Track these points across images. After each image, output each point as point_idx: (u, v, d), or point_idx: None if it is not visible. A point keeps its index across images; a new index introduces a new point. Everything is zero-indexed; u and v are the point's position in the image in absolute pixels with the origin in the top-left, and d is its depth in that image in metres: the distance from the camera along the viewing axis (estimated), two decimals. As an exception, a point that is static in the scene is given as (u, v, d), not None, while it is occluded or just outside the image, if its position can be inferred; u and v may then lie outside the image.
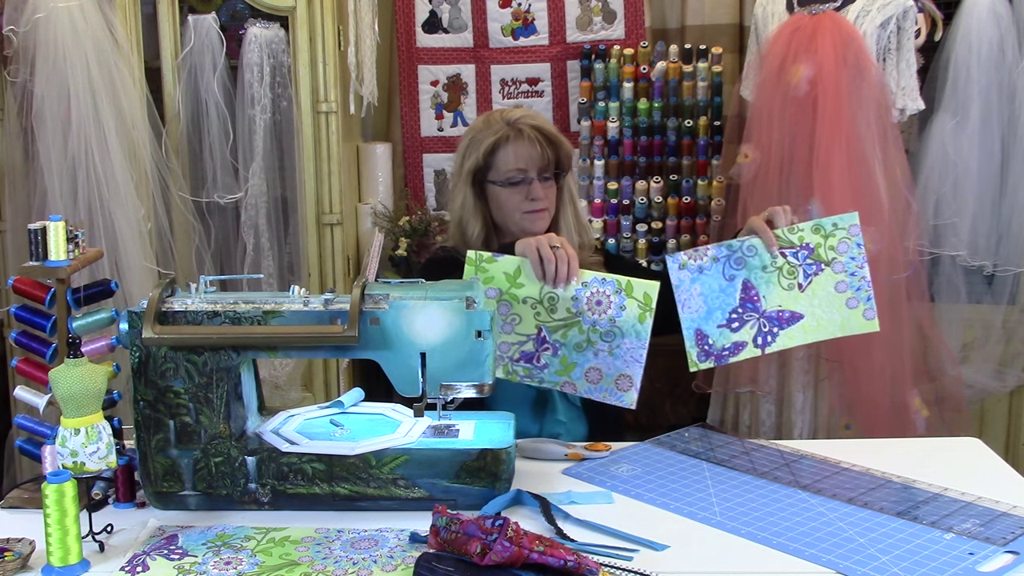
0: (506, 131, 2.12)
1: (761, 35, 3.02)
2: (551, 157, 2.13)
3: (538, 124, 2.14)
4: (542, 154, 2.11)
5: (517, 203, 2.13)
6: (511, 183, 2.12)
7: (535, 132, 2.12)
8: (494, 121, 2.16)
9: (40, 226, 1.72)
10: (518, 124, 2.13)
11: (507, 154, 2.12)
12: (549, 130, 2.15)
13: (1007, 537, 1.52)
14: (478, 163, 2.14)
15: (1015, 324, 3.08)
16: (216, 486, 1.66)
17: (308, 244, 3.15)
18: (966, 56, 2.97)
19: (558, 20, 3.54)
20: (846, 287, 1.88)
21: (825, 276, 1.87)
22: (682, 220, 3.37)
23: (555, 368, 1.85)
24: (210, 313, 1.64)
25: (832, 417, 2.87)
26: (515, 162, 2.12)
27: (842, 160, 2.73)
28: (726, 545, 1.53)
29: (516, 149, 2.11)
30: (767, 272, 1.85)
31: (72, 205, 2.91)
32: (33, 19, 2.85)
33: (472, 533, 1.39)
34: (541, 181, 2.13)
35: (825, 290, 1.87)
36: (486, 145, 2.12)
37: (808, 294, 1.86)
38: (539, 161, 2.11)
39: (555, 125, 2.23)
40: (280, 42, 3.14)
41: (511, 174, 2.12)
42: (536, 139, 2.11)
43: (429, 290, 1.67)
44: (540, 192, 2.12)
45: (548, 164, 2.13)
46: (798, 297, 1.86)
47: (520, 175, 2.12)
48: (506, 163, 2.12)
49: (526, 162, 2.11)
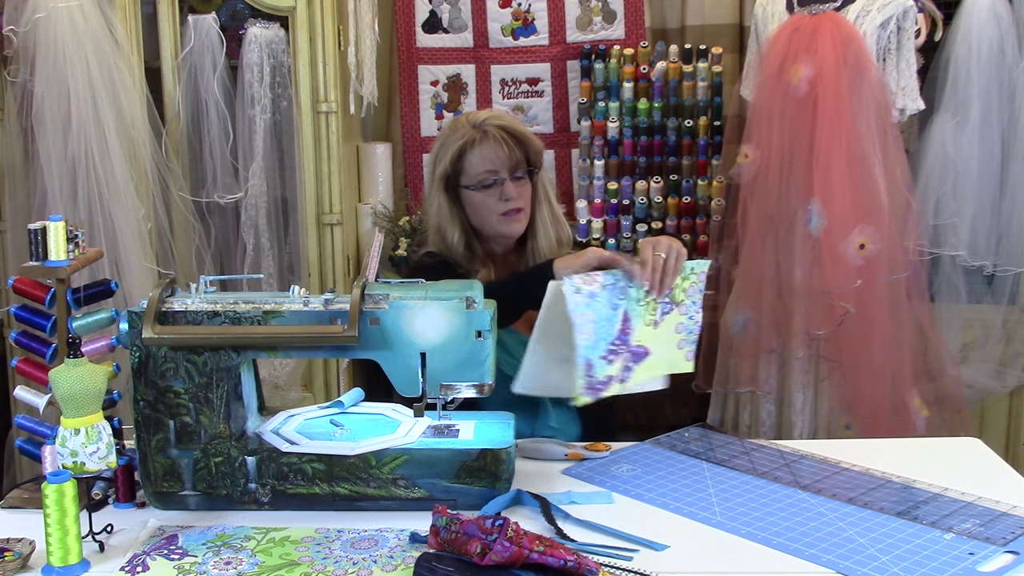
0: (472, 134, 2.12)
1: (761, 35, 3.01)
2: (520, 156, 2.12)
3: (504, 124, 2.14)
4: (510, 154, 2.11)
5: (492, 206, 2.12)
6: (483, 186, 2.12)
7: (501, 132, 2.11)
8: (460, 125, 2.15)
9: (40, 226, 1.72)
10: (483, 126, 2.12)
11: (475, 157, 2.12)
12: (516, 128, 2.14)
13: (1007, 537, 1.52)
14: (447, 169, 2.14)
15: (1015, 324, 3.08)
16: (216, 486, 1.66)
17: (308, 244, 3.15)
18: (966, 56, 2.97)
19: (558, 20, 3.54)
20: (683, 329, 1.88)
21: (672, 316, 1.85)
22: (682, 220, 3.37)
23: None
24: (210, 313, 1.64)
25: (832, 417, 2.87)
26: (484, 164, 2.11)
27: (842, 160, 2.73)
28: (726, 545, 1.53)
29: (483, 151, 2.11)
30: (639, 305, 1.80)
31: (72, 205, 2.91)
32: (33, 19, 2.85)
33: (472, 533, 1.39)
34: (513, 181, 2.12)
35: (669, 329, 1.86)
36: (453, 150, 2.12)
37: (658, 332, 1.83)
38: (508, 161, 2.11)
39: (555, 125, 2.22)
40: (280, 42, 3.13)
41: (482, 176, 2.12)
42: (503, 139, 2.10)
43: (429, 290, 1.67)
44: (513, 192, 2.11)
45: (518, 163, 2.12)
46: (652, 334, 1.83)
47: (491, 177, 2.11)
48: (475, 166, 2.12)
49: (495, 163, 2.11)
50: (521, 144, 2.13)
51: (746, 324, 2.94)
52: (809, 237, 2.78)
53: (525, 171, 2.14)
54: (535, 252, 2.18)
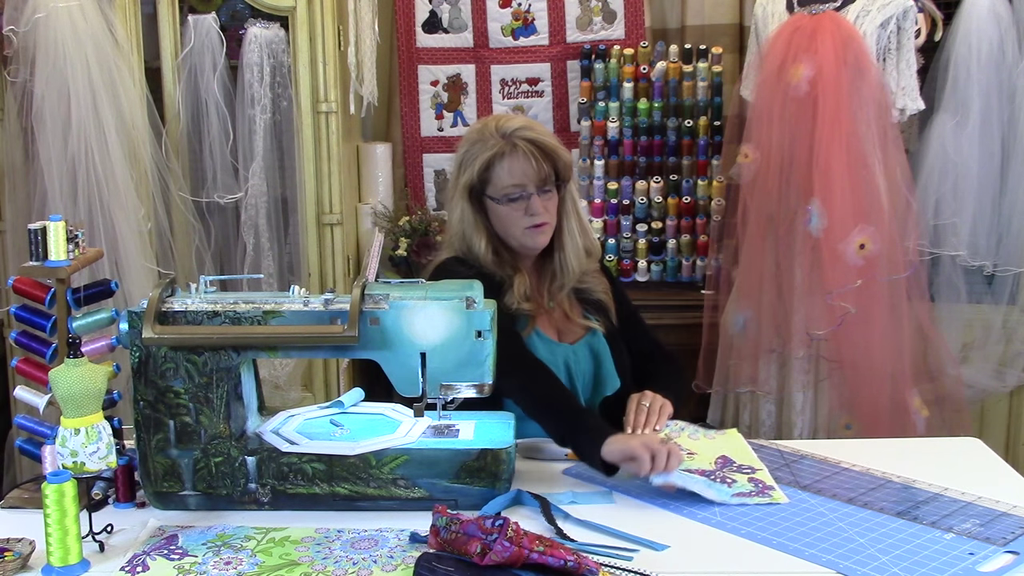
0: (501, 146, 2.04)
1: (761, 35, 3.01)
2: (548, 170, 2.05)
3: (534, 137, 2.05)
4: (539, 169, 2.03)
5: (517, 219, 2.05)
6: (510, 199, 2.05)
7: (530, 146, 2.03)
8: (489, 134, 2.07)
9: (40, 226, 1.72)
10: (513, 138, 2.04)
11: (503, 170, 2.04)
12: (545, 142, 2.06)
13: (1007, 537, 1.52)
14: (473, 179, 2.06)
15: (1015, 324, 3.08)
16: (216, 486, 1.66)
17: (308, 244, 3.15)
18: (966, 56, 2.97)
19: (558, 20, 3.54)
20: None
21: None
22: (682, 220, 3.37)
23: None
24: (210, 313, 1.64)
25: (832, 417, 2.87)
26: (512, 178, 2.04)
27: (842, 160, 2.73)
28: (726, 545, 1.53)
29: (512, 165, 2.03)
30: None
31: (72, 205, 2.91)
32: (33, 19, 2.85)
33: (472, 533, 1.39)
34: (540, 195, 2.05)
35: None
36: (481, 161, 2.05)
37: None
38: (536, 176, 2.04)
39: (555, 125, 2.19)
40: (280, 42, 3.13)
41: (509, 191, 2.04)
42: (532, 153, 2.03)
43: (429, 290, 1.67)
44: (539, 207, 2.05)
45: (546, 178, 2.05)
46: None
47: (518, 191, 2.04)
48: (503, 179, 2.04)
49: (523, 178, 2.03)
50: (550, 158, 2.05)
51: (746, 324, 2.94)
52: (809, 237, 2.78)
53: (553, 184, 2.07)
54: (563, 264, 2.11)
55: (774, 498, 1.68)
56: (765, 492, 1.70)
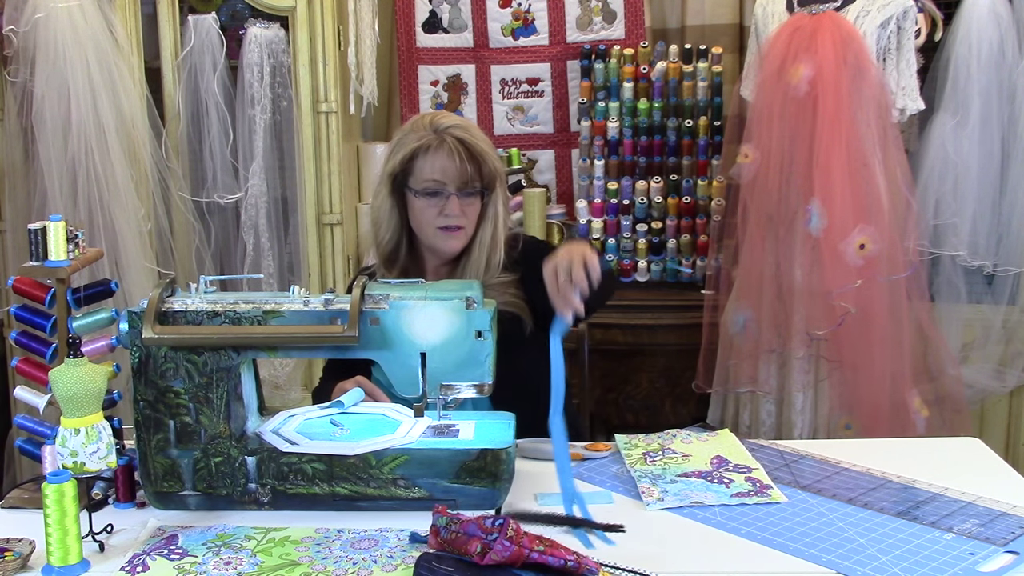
0: (429, 139, 2.02)
1: (761, 35, 3.01)
2: (472, 172, 2.01)
3: (463, 136, 2.02)
4: (461, 168, 2.00)
5: (431, 217, 2.03)
6: (427, 194, 2.02)
7: (458, 144, 2.01)
8: (422, 126, 2.05)
9: (40, 226, 1.72)
10: (443, 133, 2.02)
11: (425, 163, 2.02)
12: (475, 144, 2.02)
13: (1007, 537, 1.52)
14: (396, 168, 2.04)
15: (1015, 324, 3.08)
16: (216, 486, 1.66)
17: (308, 244, 3.15)
18: (966, 56, 2.97)
19: (558, 20, 3.54)
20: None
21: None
22: (682, 220, 3.37)
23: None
24: (210, 313, 1.64)
25: (832, 417, 2.87)
26: (432, 172, 2.01)
27: (842, 160, 2.73)
28: (726, 545, 1.53)
29: (434, 159, 2.01)
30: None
31: (72, 205, 2.92)
32: (33, 19, 2.86)
33: (472, 533, 1.39)
34: (461, 197, 2.02)
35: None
36: (407, 151, 2.03)
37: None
38: (457, 176, 2.01)
39: (555, 125, 2.18)
40: (280, 42, 3.14)
41: (427, 184, 2.02)
42: (457, 151, 2.00)
43: (429, 290, 1.67)
44: (456, 209, 2.02)
45: (468, 180, 2.02)
46: None
47: (436, 186, 2.02)
48: (424, 172, 2.02)
49: (443, 174, 2.01)
50: (475, 161, 2.01)
51: (746, 324, 2.94)
52: (809, 237, 2.78)
53: (476, 190, 2.04)
54: (464, 272, 2.09)
55: (772, 497, 1.68)
56: (763, 491, 1.70)
